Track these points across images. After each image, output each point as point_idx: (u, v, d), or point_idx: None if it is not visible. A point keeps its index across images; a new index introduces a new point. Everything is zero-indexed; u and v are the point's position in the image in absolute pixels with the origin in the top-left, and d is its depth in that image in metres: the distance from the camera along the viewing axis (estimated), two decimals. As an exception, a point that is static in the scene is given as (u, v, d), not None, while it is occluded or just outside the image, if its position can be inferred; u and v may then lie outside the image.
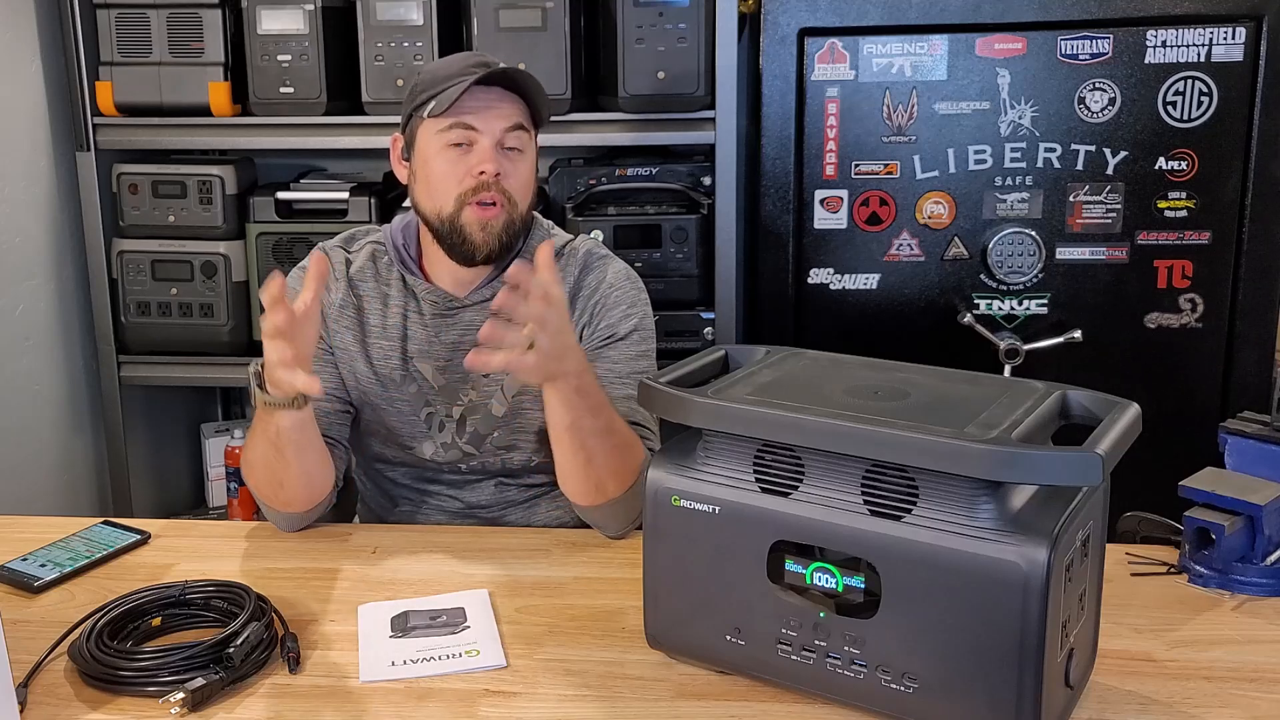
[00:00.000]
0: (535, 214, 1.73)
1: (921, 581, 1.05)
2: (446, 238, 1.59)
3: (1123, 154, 2.29)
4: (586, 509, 1.52)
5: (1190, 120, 2.27)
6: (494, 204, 1.56)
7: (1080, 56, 2.26)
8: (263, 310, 1.36)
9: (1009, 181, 2.32)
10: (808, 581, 1.11)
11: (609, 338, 1.64)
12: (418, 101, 1.58)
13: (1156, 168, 2.29)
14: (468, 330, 1.64)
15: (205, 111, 2.45)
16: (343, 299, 1.66)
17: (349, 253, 1.70)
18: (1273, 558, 1.37)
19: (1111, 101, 2.27)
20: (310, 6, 2.39)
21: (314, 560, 1.51)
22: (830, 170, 2.36)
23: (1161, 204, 2.30)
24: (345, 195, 2.49)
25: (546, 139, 1.71)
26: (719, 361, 1.31)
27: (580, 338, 1.65)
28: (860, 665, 1.09)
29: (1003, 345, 2.32)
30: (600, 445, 1.45)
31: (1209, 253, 2.31)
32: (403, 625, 1.32)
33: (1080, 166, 2.30)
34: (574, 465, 1.47)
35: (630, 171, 2.46)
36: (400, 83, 2.38)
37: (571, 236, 1.73)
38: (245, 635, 1.21)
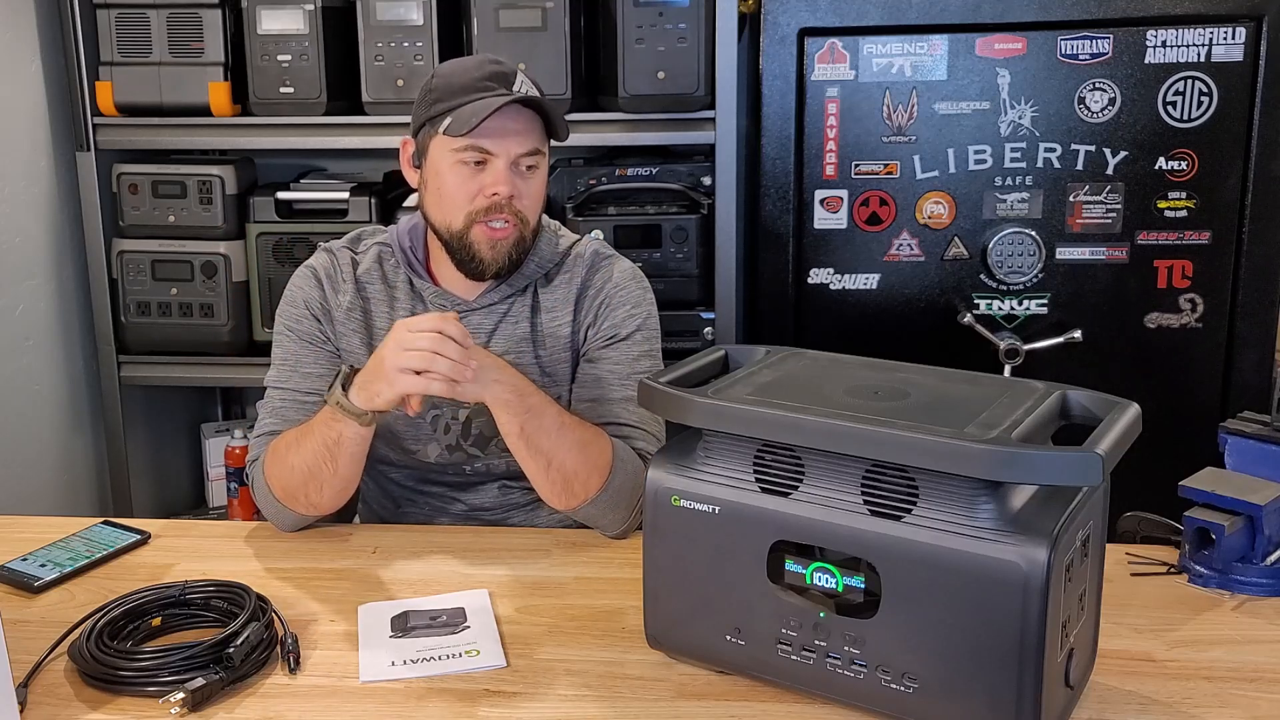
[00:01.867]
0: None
1: (921, 581, 1.05)
2: (456, 252, 1.59)
3: (1123, 154, 2.29)
4: (572, 512, 1.53)
5: (1190, 120, 2.27)
6: (506, 223, 1.56)
7: (1080, 56, 2.26)
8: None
9: (1009, 181, 2.32)
10: (808, 581, 1.11)
11: (612, 338, 1.64)
12: (432, 114, 1.55)
13: (1156, 168, 2.29)
14: (475, 333, 1.64)
15: (205, 111, 2.45)
16: (350, 301, 1.66)
17: (355, 253, 1.70)
18: (1273, 558, 1.38)
19: (1111, 101, 2.27)
20: (310, 6, 2.39)
21: (314, 560, 1.51)
22: (830, 170, 2.36)
23: (1161, 204, 2.30)
24: (345, 195, 2.49)
25: (546, 139, 1.70)
26: (719, 361, 1.31)
27: (584, 337, 1.65)
28: (860, 665, 1.09)
29: (1003, 345, 2.32)
30: (556, 445, 1.48)
31: (1209, 253, 2.31)
32: (403, 625, 1.32)
33: (1080, 166, 2.30)
34: (535, 469, 1.51)
35: (630, 171, 2.46)
36: (400, 83, 2.38)
37: (577, 237, 1.73)
38: (245, 635, 1.21)
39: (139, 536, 1.56)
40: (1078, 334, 2.33)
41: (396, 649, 1.27)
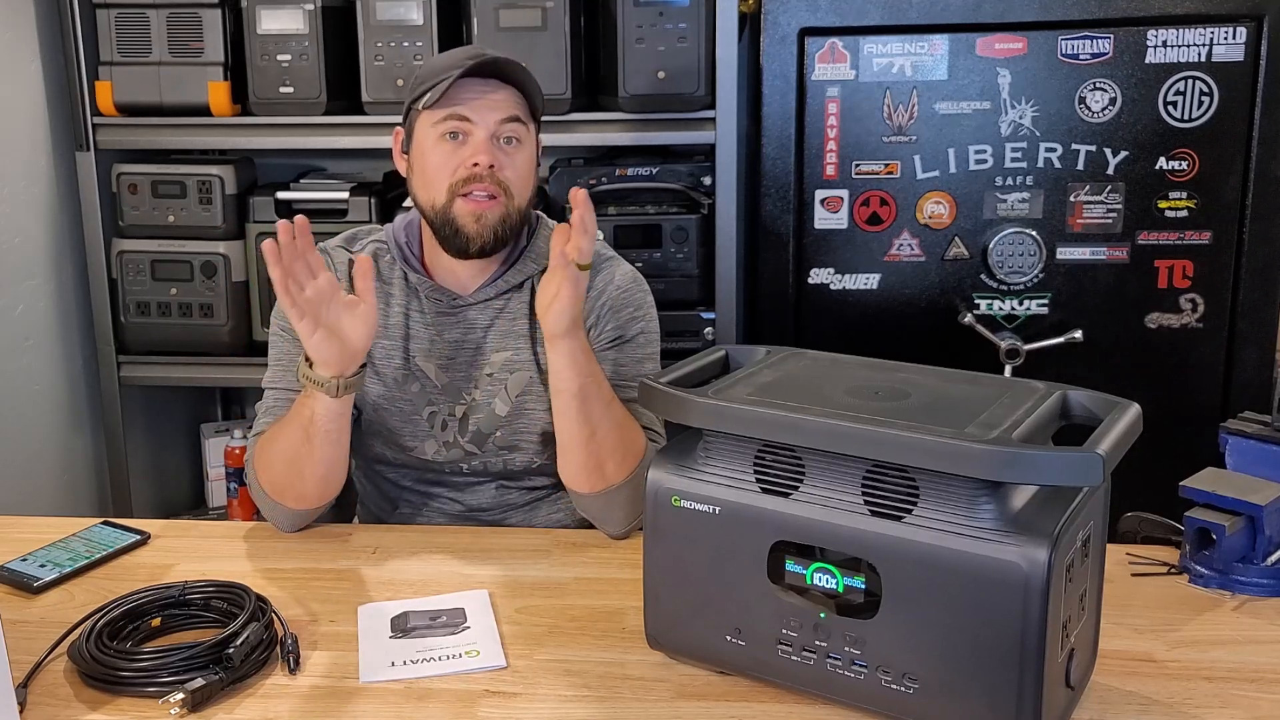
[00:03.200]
0: (540, 214, 1.73)
1: (922, 582, 1.05)
2: (440, 229, 1.59)
3: (1123, 154, 2.29)
4: (587, 497, 1.52)
5: (1191, 120, 2.26)
6: (491, 196, 1.56)
7: (1081, 56, 2.26)
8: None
9: (1009, 181, 2.32)
10: (808, 582, 1.11)
11: (615, 340, 1.64)
12: (415, 94, 1.58)
13: (1157, 168, 2.29)
14: (471, 329, 1.64)
15: (205, 111, 2.45)
16: (344, 300, 1.66)
17: (351, 252, 1.70)
18: (1273, 558, 1.37)
19: (1112, 101, 2.27)
20: (310, 6, 2.39)
21: (314, 560, 1.51)
22: (830, 170, 2.36)
23: (1162, 204, 2.30)
24: (345, 195, 2.49)
25: (547, 139, 1.70)
26: (719, 361, 1.31)
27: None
28: (861, 666, 1.09)
29: (1003, 345, 2.32)
30: (603, 417, 1.48)
31: (1209, 253, 2.31)
32: (403, 625, 1.32)
33: (1081, 166, 2.30)
34: (578, 438, 1.49)
35: (630, 171, 2.46)
36: (400, 83, 2.38)
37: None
38: (245, 636, 1.21)
39: (138, 537, 1.56)
40: (1078, 334, 2.33)
41: (396, 649, 1.27)
